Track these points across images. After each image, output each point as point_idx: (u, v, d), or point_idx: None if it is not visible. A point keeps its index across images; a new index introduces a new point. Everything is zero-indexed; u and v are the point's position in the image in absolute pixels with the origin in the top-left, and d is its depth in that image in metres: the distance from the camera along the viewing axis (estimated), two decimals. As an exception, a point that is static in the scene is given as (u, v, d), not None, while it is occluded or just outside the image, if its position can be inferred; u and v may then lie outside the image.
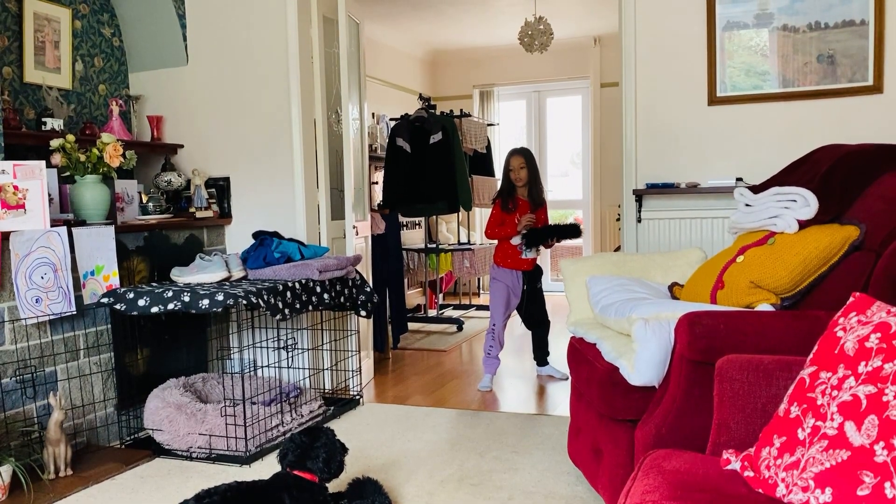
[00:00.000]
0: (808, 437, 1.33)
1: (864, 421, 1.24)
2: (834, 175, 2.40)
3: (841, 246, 2.20)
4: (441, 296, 7.42)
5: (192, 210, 4.03)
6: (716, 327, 1.95)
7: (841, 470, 1.24)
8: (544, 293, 4.64)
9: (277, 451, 2.47)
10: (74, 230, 3.24)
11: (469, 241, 7.75)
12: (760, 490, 1.41)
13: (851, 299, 1.47)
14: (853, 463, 1.23)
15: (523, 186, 4.37)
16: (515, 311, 4.57)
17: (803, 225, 2.31)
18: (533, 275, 4.48)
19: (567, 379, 4.38)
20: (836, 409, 1.30)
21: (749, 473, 1.46)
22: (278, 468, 2.44)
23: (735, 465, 1.52)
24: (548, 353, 4.64)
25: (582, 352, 2.62)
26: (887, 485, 1.18)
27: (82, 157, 3.33)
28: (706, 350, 1.93)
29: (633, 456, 2.21)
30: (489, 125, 7.97)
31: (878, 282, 2.01)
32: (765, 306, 2.22)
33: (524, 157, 4.37)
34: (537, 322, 4.58)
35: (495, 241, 4.48)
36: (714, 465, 1.57)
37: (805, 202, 2.33)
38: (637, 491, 1.50)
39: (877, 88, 3.51)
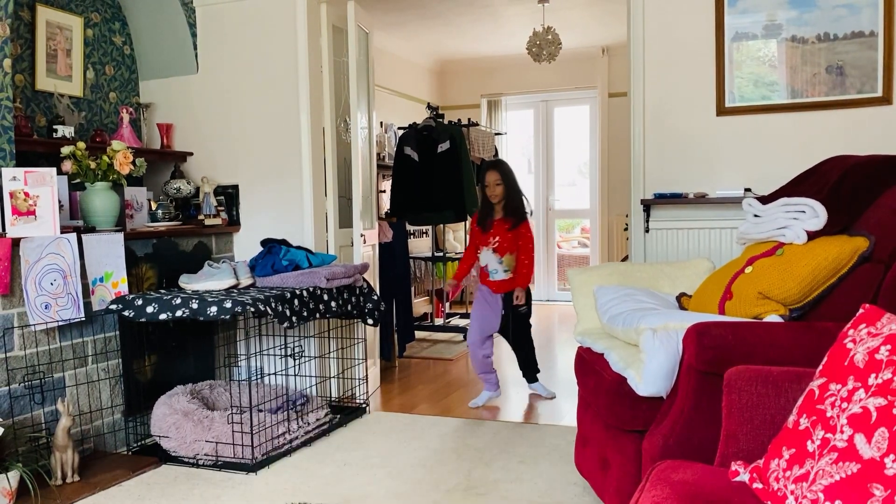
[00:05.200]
0: (817, 450, 1.32)
1: (875, 433, 1.23)
2: (843, 186, 2.39)
3: (850, 257, 2.19)
4: (448, 304, 7.41)
5: (201, 217, 4.04)
6: (724, 338, 1.95)
7: (851, 483, 1.23)
8: (529, 313, 4.31)
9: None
10: (84, 237, 3.26)
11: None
12: (769, 502, 1.40)
13: (861, 311, 1.46)
14: (863, 476, 1.22)
15: (499, 203, 4.11)
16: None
17: (812, 236, 2.30)
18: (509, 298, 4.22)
19: (553, 398, 4.29)
20: (845, 421, 1.29)
21: (758, 485, 1.46)
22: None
23: (744, 476, 1.52)
24: (537, 371, 4.39)
25: (589, 362, 2.61)
26: (898, 498, 1.17)
27: (92, 165, 3.35)
28: (714, 361, 1.93)
29: (641, 467, 2.20)
30: (497, 134, 7.98)
31: (887, 293, 2.00)
32: (773, 317, 2.22)
33: (499, 172, 4.08)
34: (518, 345, 4.33)
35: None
36: (722, 477, 1.56)
37: (814, 213, 2.32)
38: (645, 502, 1.49)
39: (886, 100, 3.50)
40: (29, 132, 3.48)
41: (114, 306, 3.31)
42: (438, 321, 6.95)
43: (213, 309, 3.14)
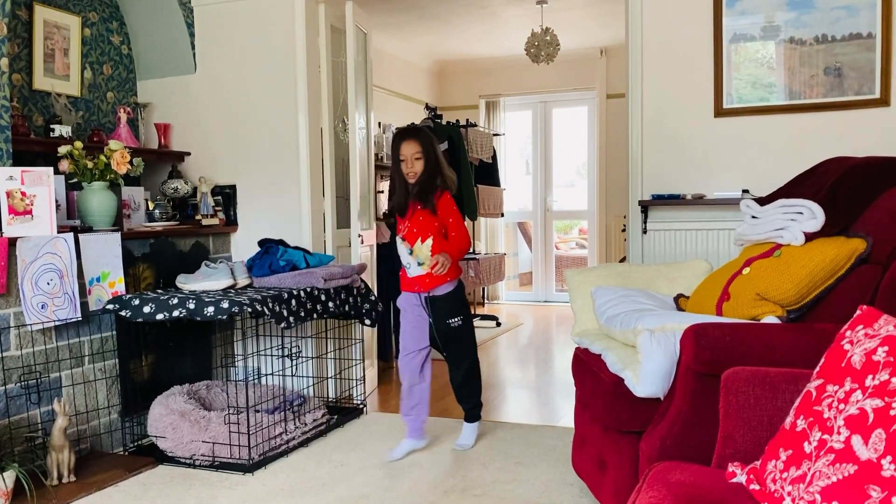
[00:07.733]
0: (814, 451, 1.32)
1: (872, 435, 1.23)
2: (840, 187, 2.39)
3: (847, 259, 2.19)
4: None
5: (199, 217, 4.04)
6: (722, 339, 1.95)
7: (848, 484, 1.23)
8: (470, 326, 3.37)
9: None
10: (81, 236, 3.26)
11: (474, 250, 7.75)
12: (766, 503, 1.40)
13: (858, 312, 1.46)
14: (860, 477, 1.22)
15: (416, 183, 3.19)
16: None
17: (810, 237, 2.30)
18: (436, 304, 3.25)
19: (472, 447, 3.35)
20: (842, 422, 1.29)
21: (755, 487, 1.45)
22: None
23: (741, 478, 1.52)
24: (475, 405, 3.36)
25: (587, 363, 2.61)
26: (894, 500, 1.17)
27: (90, 164, 3.34)
28: (712, 362, 1.92)
29: (638, 468, 2.20)
30: (495, 135, 7.98)
31: (885, 295, 2.00)
32: (771, 318, 2.22)
33: (420, 143, 3.20)
34: (453, 363, 3.37)
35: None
36: (719, 478, 1.56)
37: (812, 214, 2.32)
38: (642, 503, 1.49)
39: (883, 101, 3.50)
40: (26, 131, 3.47)
41: (111, 306, 3.30)
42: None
43: (211, 309, 3.14)
